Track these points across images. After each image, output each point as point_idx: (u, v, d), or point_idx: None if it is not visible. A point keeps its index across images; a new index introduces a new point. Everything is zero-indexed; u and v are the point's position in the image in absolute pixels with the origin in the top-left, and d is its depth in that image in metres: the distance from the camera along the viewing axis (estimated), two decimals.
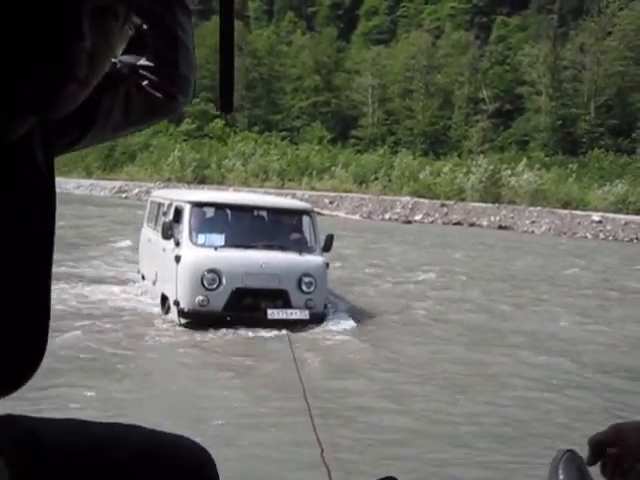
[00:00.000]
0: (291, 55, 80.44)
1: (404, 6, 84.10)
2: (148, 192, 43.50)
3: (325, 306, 11.11)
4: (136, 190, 53.20)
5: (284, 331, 10.16)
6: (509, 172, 48.29)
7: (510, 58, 69.13)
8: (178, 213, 11.40)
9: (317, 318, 10.77)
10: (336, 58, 77.05)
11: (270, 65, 78.52)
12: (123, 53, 1.27)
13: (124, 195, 53.62)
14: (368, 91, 71.46)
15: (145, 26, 1.26)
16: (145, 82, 1.25)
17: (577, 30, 66.03)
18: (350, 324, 11.14)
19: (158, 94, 1.27)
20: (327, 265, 11.14)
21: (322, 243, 11.34)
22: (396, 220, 41.71)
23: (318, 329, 10.67)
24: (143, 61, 1.26)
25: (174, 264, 10.57)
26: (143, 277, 13.49)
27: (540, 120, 62.13)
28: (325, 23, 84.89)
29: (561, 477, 1.10)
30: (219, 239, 11.03)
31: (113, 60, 1.23)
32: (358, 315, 12.01)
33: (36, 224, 1.05)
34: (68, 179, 63.00)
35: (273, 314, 10.44)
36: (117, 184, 59.03)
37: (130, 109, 1.23)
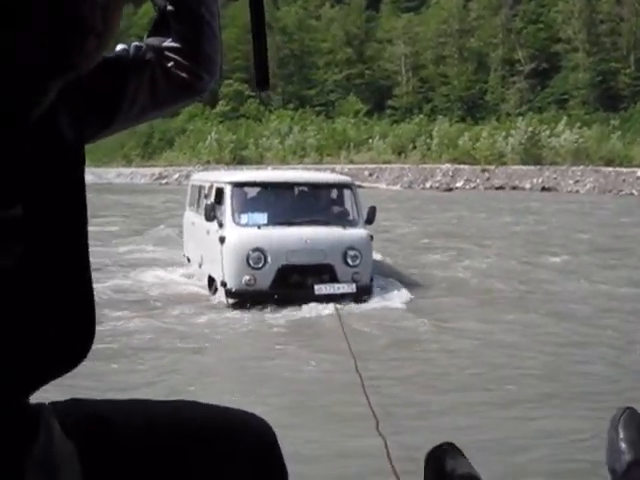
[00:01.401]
0: (321, 29, 79.92)
1: None
2: (188, 176, 43.67)
3: (371, 279, 11.05)
4: (176, 175, 53.56)
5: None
6: (549, 132, 47.61)
7: (544, 16, 67.83)
8: (219, 194, 11.41)
9: (364, 291, 10.74)
10: (366, 29, 76.35)
11: (300, 41, 78.11)
12: (148, 35, 1.27)
13: (164, 181, 54.03)
14: (401, 60, 70.79)
15: (170, 7, 1.25)
16: (170, 64, 1.25)
17: None
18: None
19: (184, 75, 1.26)
20: (371, 237, 11.07)
21: (365, 216, 11.26)
22: (437, 188, 41.44)
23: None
24: (168, 42, 1.26)
25: (219, 245, 10.60)
26: (189, 260, 13.57)
27: (578, 77, 60.99)
28: None
29: (621, 435, 1.09)
30: (262, 218, 11.02)
31: (138, 43, 1.24)
32: None
33: (68, 202, 1.04)
34: (108, 169, 63.71)
35: (320, 289, 10.42)
36: (157, 170, 59.48)
37: (157, 91, 1.23)
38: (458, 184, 41.91)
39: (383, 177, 45.05)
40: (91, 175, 58.05)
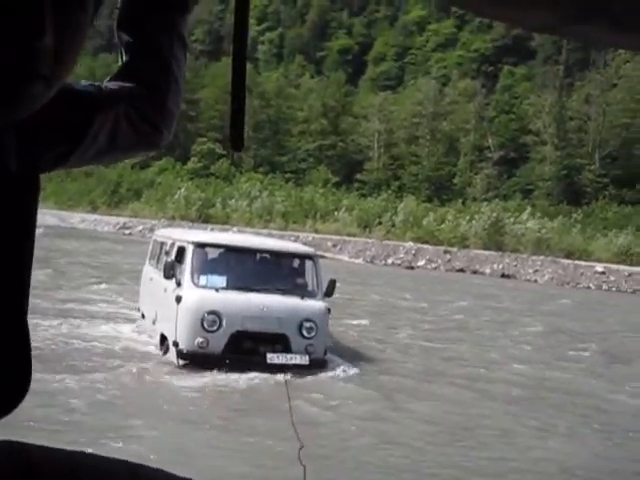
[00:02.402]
0: (299, 98, 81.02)
1: (412, 53, 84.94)
2: (152, 229, 43.52)
3: (325, 352, 11.00)
4: (140, 227, 53.20)
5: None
6: (512, 220, 48.35)
7: (516, 107, 69.60)
8: (180, 253, 11.37)
9: (317, 364, 10.67)
10: (343, 102, 77.55)
11: (278, 107, 79.10)
12: (115, 78, 1.24)
13: (128, 232, 53.57)
14: (374, 136, 71.83)
15: (140, 53, 1.24)
16: (135, 111, 1.21)
17: (583, 81, 66.56)
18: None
19: (146, 125, 1.23)
20: (329, 310, 11.06)
21: (324, 288, 11.27)
22: (399, 265, 41.63)
23: None
24: (136, 89, 1.22)
25: (175, 304, 10.51)
26: (143, 315, 13.42)
27: (545, 169, 62.30)
28: (334, 67, 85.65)
29: None
30: (221, 281, 10.97)
31: (105, 84, 1.21)
32: None
33: (9, 240, 0.98)
34: (73, 213, 63.22)
35: (272, 358, 10.35)
36: (121, 220, 59.07)
37: (116, 135, 1.19)
38: (420, 263, 42.18)
39: (346, 249, 45.21)
40: (55, 218, 57.62)
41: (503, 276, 39.44)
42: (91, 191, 72.63)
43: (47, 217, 55.03)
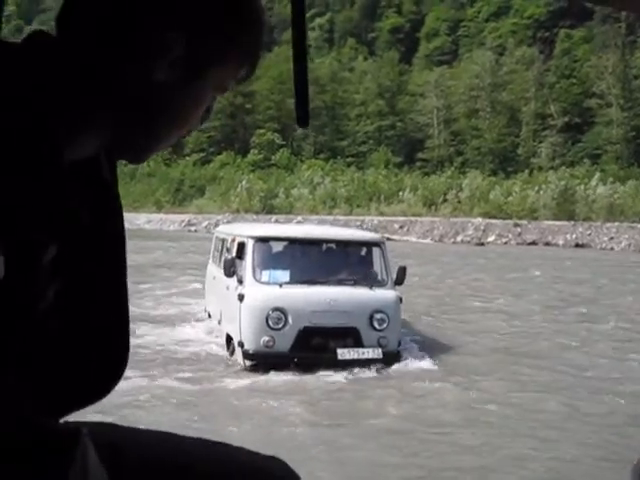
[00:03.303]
0: (354, 81, 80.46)
1: (464, 26, 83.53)
2: (217, 225, 43.59)
3: (399, 344, 10.41)
4: (205, 223, 53.38)
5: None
6: (582, 187, 46.94)
7: (576, 71, 67.77)
8: (241, 249, 10.93)
9: (391, 357, 10.09)
10: (399, 81, 76.70)
11: (333, 92, 78.55)
12: None
13: (193, 228, 53.85)
14: (433, 113, 70.87)
15: None
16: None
17: None
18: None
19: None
20: (400, 300, 10.45)
21: (394, 276, 10.66)
22: (468, 242, 40.74)
23: None
24: None
25: (237, 303, 10.08)
26: (209, 315, 13.07)
27: (612, 132, 60.58)
28: (386, 47, 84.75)
29: None
30: (284, 275, 10.47)
31: None
32: None
33: (109, 240, 1.05)
34: (138, 214, 63.85)
35: (344, 354, 9.80)
36: (186, 217, 59.42)
37: None
38: (490, 239, 41.19)
39: (413, 230, 44.47)
40: None
41: (577, 246, 38.23)
42: (155, 191, 73.31)
43: None
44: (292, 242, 11.24)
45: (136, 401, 8.21)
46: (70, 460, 0.96)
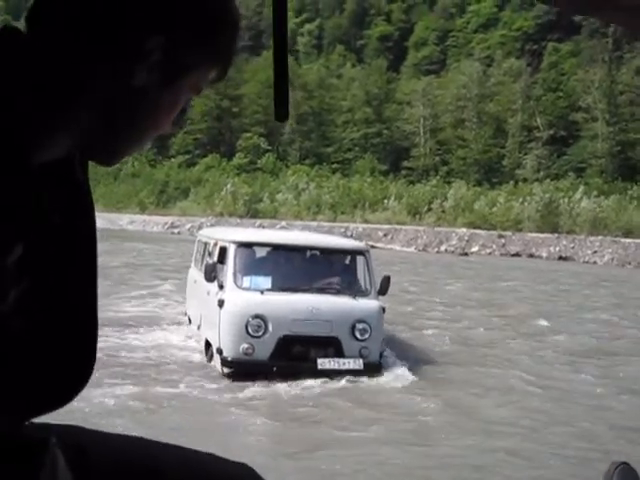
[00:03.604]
0: (341, 88, 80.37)
1: (453, 36, 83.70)
2: (200, 227, 43.29)
3: (381, 355, 10.22)
4: (188, 225, 53.05)
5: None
6: (566, 200, 47.01)
7: (563, 84, 68.00)
8: (223, 253, 10.73)
9: (372, 368, 9.89)
10: (386, 89, 76.64)
11: (321, 98, 78.41)
12: None
13: (176, 231, 53.51)
14: (419, 121, 70.88)
15: None
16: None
17: (633, 53, 64.51)
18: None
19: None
20: (383, 310, 10.27)
21: (378, 286, 10.46)
22: (452, 252, 40.66)
23: None
24: None
25: (217, 309, 9.87)
26: (190, 320, 12.85)
27: (597, 146, 60.76)
28: (374, 55, 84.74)
29: None
30: (265, 282, 10.26)
31: None
32: None
33: (80, 240, 1.04)
34: (122, 215, 63.42)
35: (324, 364, 9.60)
36: (169, 219, 59.07)
37: None
38: (474, 249, 41.13)
39: (397, 238, 44.37)
40: (103, 220, 57.81)
41: (561, 259, 38.22)
42: (139, 192, 72.86)
43: (97, 220, 55.29)
44: (275, 248, 11.05)
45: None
46: (40, 465, 0.97)
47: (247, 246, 10.78)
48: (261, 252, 11.09)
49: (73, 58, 0.92)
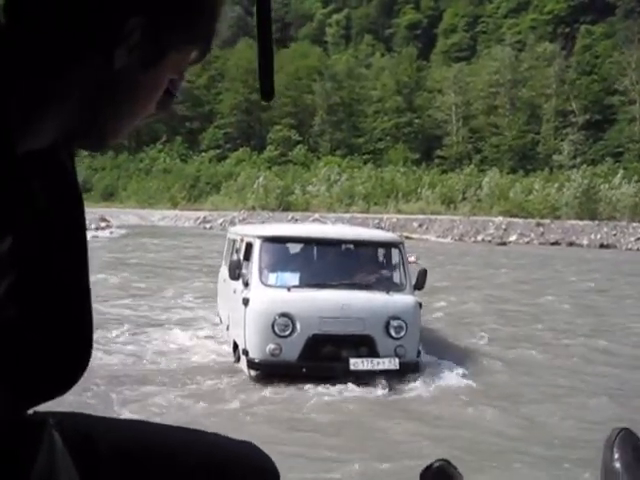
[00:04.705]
0: (371, 77, 79.72)
1: (483, 21, 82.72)
2: (232, 222, 42.87)
3: (418, 354, 9.54)
4: (220, 220, 52.67)
5: None
6: (606, 186, 45.88)
7: (598, 67, 66.76)
8: (248, 250, 10.13)
9: (409, 368, 9.23)
10: (417, 78, 75.87)
11: (350, 88, 77.79)
12: None
13: (208, 225, 53.16)
14: (451, 109, 70.02)
15: None
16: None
17: None
18: None
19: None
20: (420, 305, 9.59)
21: (413, 279, 9.78)
22: (489, 242, 39.75)
23: None
24: None
25: (242, 308, 9.28)
26: (220, 320, 12.30)
27: (634, 130, 59.65)
28: (404, 43, 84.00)
29: (616, 456, 1.10)
30: (293, 278, 9.62)
31: None
32: None
33: (69, 227, 1.03)
34: (153, 211, 63.30)
35: (357, 364, 8.92)
36: (201, 214, 58.75)
37: None
38: (512, 238, 40.20)
39: (432, 229, 43.56)
40: (135, 217, 57.63)
41: (602, 246, 37.17)
42: (170, 187, 72.83)
43: (129, 216, 55.22)
44: (302, 242, 10.41)
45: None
46: (36, 450, 0.98)
47: (272, 241, 10.15)
48: (288, 247, 10.47)
49: (52, 44, 0.91)
